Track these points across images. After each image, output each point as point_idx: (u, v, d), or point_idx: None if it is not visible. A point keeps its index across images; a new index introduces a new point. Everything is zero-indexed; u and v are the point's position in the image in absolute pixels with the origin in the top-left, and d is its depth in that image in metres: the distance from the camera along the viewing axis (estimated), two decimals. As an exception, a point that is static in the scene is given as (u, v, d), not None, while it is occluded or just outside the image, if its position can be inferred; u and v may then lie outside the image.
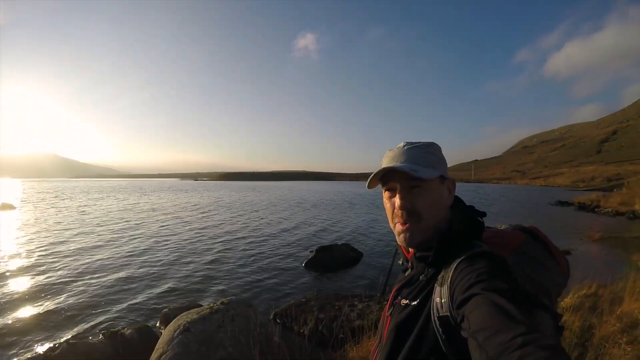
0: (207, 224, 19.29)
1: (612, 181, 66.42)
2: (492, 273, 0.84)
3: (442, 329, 0.88)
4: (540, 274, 1.08)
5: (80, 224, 18.19)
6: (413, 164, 1.05)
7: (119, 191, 64.01)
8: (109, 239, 13.97)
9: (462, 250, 0.99)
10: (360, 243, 13.89)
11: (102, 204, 33.05)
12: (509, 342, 0.62)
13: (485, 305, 0.74)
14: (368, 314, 5.92)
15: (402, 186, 1.07)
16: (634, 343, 4.04)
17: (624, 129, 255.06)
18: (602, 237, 14.06)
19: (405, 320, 1.01)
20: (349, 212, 27.10)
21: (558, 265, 1.17)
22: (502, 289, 0.77)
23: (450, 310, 0.87)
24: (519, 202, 37.54)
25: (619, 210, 22.62)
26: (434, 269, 1.03)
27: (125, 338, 5.15)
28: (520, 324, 0.66)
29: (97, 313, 6.78)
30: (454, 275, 0.92)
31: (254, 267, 10.17)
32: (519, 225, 1.30)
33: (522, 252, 1.11)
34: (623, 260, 10.05)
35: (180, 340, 4.10)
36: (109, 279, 8.69)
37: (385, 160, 1.13)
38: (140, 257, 11.07)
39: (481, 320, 0.72)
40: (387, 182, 1.11)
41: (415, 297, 1.03)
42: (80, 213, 24.12)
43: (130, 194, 53.63)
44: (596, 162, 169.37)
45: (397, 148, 1.13)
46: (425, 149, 1.11)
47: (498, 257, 0.93)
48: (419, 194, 1.06)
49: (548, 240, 1.21)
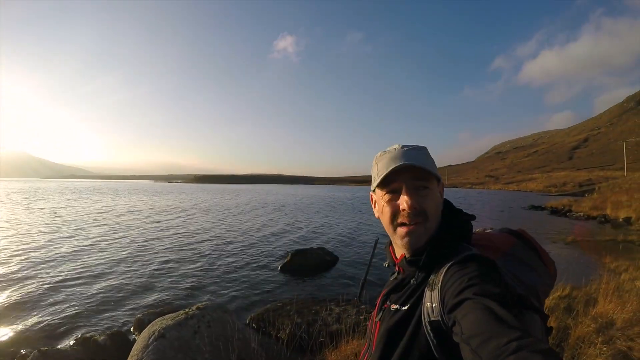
0: (182, 227, 19.04)
1: (584, 186, 67.85)
2: (483, 277, 0.84)
3: (434, 334, 0.88)
4: (529, 275, 1.08)
5: (53, 228, 17.66)
6: None
7: (93, 193, 62.62)
8: (82, 244, 13.58)
9: (452, 254, 0.99)
10: (335, 247, 13.91)
11: (75, 205, 32.29)
12: (503, 347, 0.62)
13: (478, 310, 0.74)
14: (345, 318, 5.91)
15: (409, 186, 1.04)
16: (609, 343, 4.13)
17: (595, 136, 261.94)
18: (575, 240, 14.34)
19: (396, 326, 1.00)
20: (324, 216, 27.19)
21: (545, 267, 1.17)
22: (494, 293, 0.77)
23: (441, 315, 0.87)
24: (493, 207, 38.04)
25: (590, 215, 23.14)
26: (424, 273, 1.03)
27: (99, 345, 5.04)
28: (514, 328, 0.66)
29: (69, 319, 6.59)
30: (444, 279, 0.92)
31: (229, 271, 10.08)
32: (506, 228, 1.30)
33: (511, 255, 1.12)
34: (596, 262, 10.26)
35: (155, 347, 4.03)
36: (82, 285, 8.46)
37: (384, 162, 1.09)
38: (113, 261, 10.82)
39: (474, 325, 0.72)
40: (390, 183, 1.07)
41: (405, 302, 1.03)
42: (54, 216, 23.48)
43: (103, 196, 52.85)
44: (568, 168, 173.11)
45: (395, 149, 1.10)
46: (422, 151, 1.10)
47: (488, 261, 0.93)
48: (425, 195, 1.04)
49: (536, 243, 1.22)
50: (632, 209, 20.46)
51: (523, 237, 1.23)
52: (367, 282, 6.54)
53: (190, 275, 9.61)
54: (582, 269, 9.00)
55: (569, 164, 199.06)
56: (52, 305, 7.21)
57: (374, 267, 9.85)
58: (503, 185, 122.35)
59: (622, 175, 63.06)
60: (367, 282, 6.54)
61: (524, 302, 0.87)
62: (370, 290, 7.57)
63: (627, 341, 4.13)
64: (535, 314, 0.91)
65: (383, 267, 1.19)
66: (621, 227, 17.43)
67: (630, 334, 4.29)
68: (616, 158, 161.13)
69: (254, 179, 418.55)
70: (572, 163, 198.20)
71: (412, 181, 1.04)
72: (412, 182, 1.04)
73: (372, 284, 8.35)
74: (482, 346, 0.66)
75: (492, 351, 0.63)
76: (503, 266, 1.01)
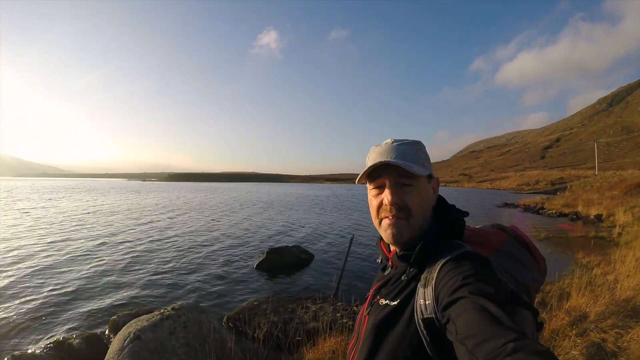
0: (156, 227, 18.72)
1: (556, 185, 69.19)
2: (478, 275, 0.84)
3: (427, 331, 0.87)
4: (521, 272, 1.09)
5: (24, 228, 17.17)
6: (404, 160, 1.04)
7: (67, 191, 61.21)
8: (53, 244, 13.24)
9: (445, 250, 0.99)
10: (311, 245, 13.96)
11: (49, 205, 31.54)
12: (499, 348, 0.62)
13: (473, 310, 0.73)
14: (322, 316, 5.94)
15: (392, 182, 1.06)
16: (583, 335, 4.23)
17: (567, 136, 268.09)
18: (547, 236, 14.69)
19: (384, 320, 1.00)
20: (300, 214, 27.19)
21: (537, 263, 1.18)
22: (489, 292, 0.77)
23: (435, 312, 0.86)
24: (467, 204, 38.55)
25: (562, 212, 23.67)
26: (415, 269, 1.03)
27: (74, 348, 4.95)
28: (510, 329, 0.66)
29: (42, 323, 6.44)
30: (438, 277, 0.91)
31: (204, 271, 10.02)
32: (497, 224, 1.32)
33: (502, 251, 1.12)
34: (568, 258, 10.53)
35: (131, 349, 3.98)
36: (54, 286, 8.26)
37: (372, 156, 1.11)
38: (87, 263, 10.55)
39: (469, 325, 0.71)
40: (376, 178, 1.09)
41: (395, 297, 1.03)
42: (26, 216, 22.73)
43: (77, 195, 51.38)
44: (540, 167, 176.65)
45: (385, 144, 1.11)
46: (414, 146, 1.11)
47: (482, 258, 0.94)
48: (409, 191, 1.05)
49: (528, 239, 1.23)
50: (602, 207, 21.02)
51: (515, 233, 1.24)
52: (343, 279, 6.54)
53: (166, 275, 9.51)
54: (555, 265, 9.21)
55: (542, 163, 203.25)
56: (25, 308, 7.03)
57: (350, 264, 9.93)
58: (477, 183, 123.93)
59: (593, 174, 64.61)
60: (343, 279, 6.54)
61: (516, 299, 0.89)
62: (346, 288, 7.60)
63: (601, 333, 4.24)
64: (527, 310, 0.92)
65: (359, 264, 1.19)
66: (592, 223, 17.88)
67: (603, 326, 4.40)
68: (587, 157, 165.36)
69: (229, 177, 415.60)
70: (545, 162, 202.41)
71: (397, 177, 1.05)
72: (397, 179, 1.06)
73: (348, 282, 8.39)
74: (478, 347, 0.66)
75: (488, 352, 0.63)
76: (495, 262, 1.02)
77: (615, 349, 3.92)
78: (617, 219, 16.47)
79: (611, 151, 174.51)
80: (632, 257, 7.98)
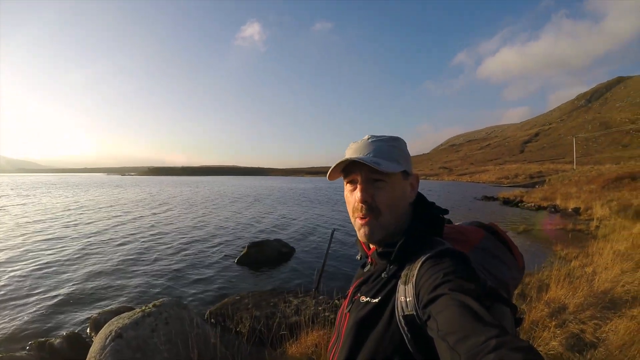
0: (134, 222, 18.54)
1: (535, 178, 70.06)
2: (458, 272, 0.85)
3: (408, 328, 0.88)
4: (499, 268, 1.10)
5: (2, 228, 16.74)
6: (377, 157, 1.04)
7: (47, 187, 59.98)
8: (30, 241, 13.01)
9: (424, 248, 0.99)
10: (292, 238, 14.02)
11: (27, 201, 30.95)
12: (481, 345, 0.62)
13: (454, 306, 0.73)
14: (304, 310, 5.97)
15: (363, 179, 1.06)
16: (563, 326, 4.32)
17: (546, 131, 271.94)
18: (526, 229, 14.95)
19: (365, 318, 1.00)
20: (280, 207, 27.27)
21: (515, 260, 1.20)
22: (470, 289, 0.78)
23: (416, 309, 0.86)
24: (448, 197, 38.83)
25: (541, 205, 24.04)
26: (396, 266, 1.03)
27: (55, 349, 4.90)
28: (491, 326, 0.66)
29: (23, 324, 6.32)
30: (419, 274, 0.91)
31: (185, 266, 9.99)
32: (477, 221, 1.33)
33: (481, 248, 1.13)
34: (546, 250, 10.71)
35: (112, 347, 3.95)
36: (34, 287, 8.12)
37: (349, 152, 1.12)
38: (65, 260, 10.39)
39: (450, 321, 0.71)
40: (349, 174, 1.10)
41: (376, 295, 1.02)
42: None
43: (54, 190, 50.41)
44: (519, 160, 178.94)
45: (362, 140, 1.12)
46: (390, 143, 1.10)
47: (462, 255, 0.94)
48: (380, 188, 1.05)
49: (506, 236, 1.25)
50: (580, 200, 21.38)
51: (493, 230, 1.26)
52: (325, 272, 6.52)
53: (146, 271, 9.45)
54: (534, 257, 9.35)
55: (521, 157, 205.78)
56: (3, 309, 6.92)
57: (331, 258, 9.98)
58: (456, 176, 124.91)
59: (571, 169, 65.68)
60: (325, 272, 6.52)
61: (494, 295, 0.89)
62: (328, 281, 7.64)
63: (580, 324, 4.32)
64: (506, 306, 0.93)
65: (340, 258, 1.18)
66: (570, 216, 18.16)
67: (582, 317, 4.48)
68: (566, 152, 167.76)
69: (209, 171, 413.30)
70: (524, 156, 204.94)
71: (368, 174, 1.06)
72: (368, 175, 1.06)
73: (330, 275, 8.45)
74: (459, 343, 0.66)
75: (470, 349, 0.63)
76: (474, 259, 1.01)
77: (594, 340, 4.00)
78: (595, 213, 16.77)
79: (589, 146, 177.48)
80: (609, 250, 8.14)
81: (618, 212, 15.64)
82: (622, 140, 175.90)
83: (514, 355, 0.57)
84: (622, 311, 4.56)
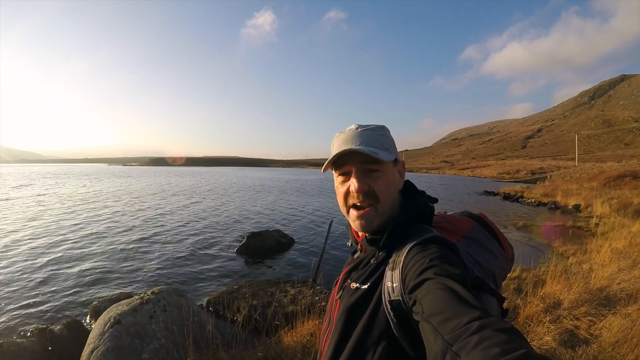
0: (136, 211, 18.61)
1: (536, 174, 69.79)
2: (444, 258, 0.86)
3: (394, 313, 0.89)
4: (487, 258, 1.11)
5: (8, 215, 16.80)
6: (369, 146, 1.04)
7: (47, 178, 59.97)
8: (32, 231, 13.00)
9: (413, 235, 1.01)
10: (290, 229, 14.07)
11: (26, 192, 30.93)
12: (464, 326, 0.62)
13: (439, 290, 0.74)
14: (301, 299, 6.01)
15: (358, 169, 1.06)
16: (557, 322, 4.34)
17: (549, 127, 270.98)
18: (525, 224, 14.94)
19: (355, 304, 1.01)
20: (280, 198, 27.28)
21: (504, 251, 1.21)
22: (455, 274, 0.79)
23: (402, 295, 0.87)
24: (453, 191, 38.68)
25: (541, 201, 23.89)
26: (384, 253, 1.04)
27: (55, 335, 4.94)
28: (475, 308, 0.67)
29: (23, 311, 6.40)
30: (406, 260, 0.92)
31: (184, 254, 10.06)
32: (467, 211, 1.33)
33: (470, 238, 1.14)
34: (544, 246, 10.70)
35: (111, 333, 4.00)
36: (34, 275, 8.18)
37: (337, 143, 1.10)
38: (65, 249, 10.46)
39: (435, 304, 0.72)
40: (342, 165, 1.09)
41: (365, 281, 1.03)
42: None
43: (59, 180, 50.43)
44: (521, 156, 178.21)
45: (349, 130, 1.10)
46: (379, 132, 1.10)
47: (449, 243, 0.95)
48: (376, 177, 1.05)
49: (495, 227, 1.26)
50: (581, 197, 21.34)
51: (483, 220, 1.26)
52: (322, 263, 6.54)
53: (146, 259, 9.54)
54: (532, 252, 9.38)
55: (523, 152, 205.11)
56: (5, 297, 6.98)
57: (329, 248, 10.01)
58: (458, 170, 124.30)
59: (573, 165, 65.52)
60: (322, 263, 6.54)
61: (480, 285, 0.90)
62: (325, 271, 7.67)
63: (574, 320, 4.35)
64: (492, 296, 0.93)
65: (338, 248, 1.19)
66: (570, 213, 18.12)
67: (576, 313, 4.50)
68: (568, 149, 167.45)
69: (210, 162, 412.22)
70: (526, 152, 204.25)
71: (362, 164, 1.05)
72: (362, 165, 1.05)
73: (327, 265, 8.48)
74: (443, 324, 0.66)
75: (453, 329, 0.63)
76: (462, 249, 1.03)
77: (587, 336, 4.03)
78: (595, 210, 16.76)
79: (591, 143, 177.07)
80: (607, 248, 8.15)
81: (618, 210, 15.64)
82: (624, 138, 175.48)
83: (498, 337, 0.57)
84: (617, 309, 4.59)
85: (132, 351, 3.94)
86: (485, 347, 0.55)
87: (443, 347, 0.63)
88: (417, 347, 0.83)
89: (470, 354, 0.57)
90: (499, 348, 0.54)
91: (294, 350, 4.15)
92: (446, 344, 0.62)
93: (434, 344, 0.66)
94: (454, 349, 0.60)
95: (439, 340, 0.64)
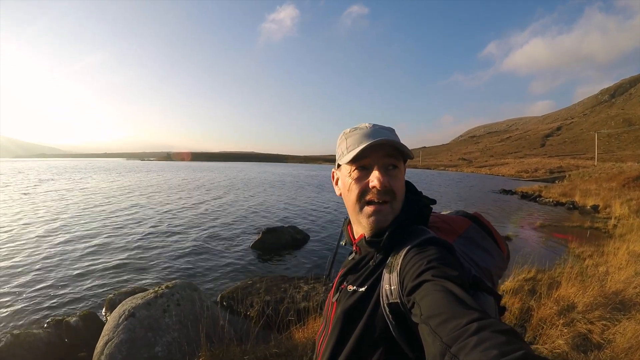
0: (154, 206, 18.76)
1: (555, 173, 68.82)
2: (442, 260, 0.86)
3: (392, 316, 0.89)
4: (483, 258, 1.12)
5: (20, 209, 16.99)
6: None
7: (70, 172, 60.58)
8: (51, 225, 13.15)
9: (410, 236, 1.00)
10: (306, 225, 14.09)
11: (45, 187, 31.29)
12: (463, 327, 0.62)
13: (437, 292, 0.75)
14: (314, 296, 6.06)
15: (381, 164, 1.03)
16: (570, 325, 4.29)
17: (568, 125, 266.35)
18: (542, 224, 14.73)
19: (353, 307, 1.01)
20: (297, 194, 27.31)
21: (500, 250, 1.21)
22: (453, 275, 0.79)
23: (400, 297, 0.88)
24: (472, 190, 38.38)
25: (559, 201, 23.45)
26: (382, 255, 1.03)
27: (71, 326, 5.03)
28: (473, 309, 0.67)
29: (41, 303, 6.53)
30: (403, 262, 0.92)
31: (199, 249, 10.15)
32: (462, 211, 1.34)
33: (466, 237, 1.15)
34: (561, 247, 10.56)
35: (125, 326, 4.08)
36: (53, 267, 8.34)
37: (355, 138, 1.06)
38: (84, 243, 10.61)
39: (433, 306, 0.73)
40: (361, 159, 1.04)
41: (362, 283, 1.03)
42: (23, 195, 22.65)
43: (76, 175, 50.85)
44: (540, 154, 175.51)
45: (367, 127, 1.08)
46: (393, 132, 1.10)
47: (446, 244, 0.95)
48: (394, 175, 1.04)
49: (491, 226, 1.26)
50: (600, 198, 20.94)
51: (478, 220, 1.26)
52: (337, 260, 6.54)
53: (161, 253, 9.63)
54: (548, 253, 9.28)
55: (541, 150, 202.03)
56: (24, 288, 7.13)
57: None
58: (476, 168, 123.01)
59: (592, 165, 64.48)
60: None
61: (477, 284, 0.91)
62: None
63: (588, 324, 4.29)
64: (489, 295, 0.94)
65: (352, 246, 1.18)
66: (588, 214, 17.84)
67: (590, 317, 4.44)
68: (587, 148, 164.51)
69: (226, 157, 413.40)
70: (545, 150, 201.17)
71: (384, 159, 1.03)
72: (384, 160, 1.03)
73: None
74: (441, 326, 0.66)
75: (451, 331, 0.64)
76: (459, 248, 1.04)
77: (601, 341, 3.97)
78: (614, 211, 16.44)
79: (611, 142, 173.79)
80: (625, 250, 8.03)
81: (637, 211, 15.36)
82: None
83: (497, 338, 0.57)
84: (632, 313, 4.50)
85: (145, 344, 4.01)
86: (484, 349, 0.56)
87: (442, 348, 0.63)
88: (416, 349, 0.84)
89: (468, 355, 0.57)
90: (497, 350, 0.55)
91: (305, 347, 4.17)
92: (445, 345, 0.63)
93: (433, 346, 0.66)
94: (452, 350, 0.61)
95: (437, 342, 0.65)
